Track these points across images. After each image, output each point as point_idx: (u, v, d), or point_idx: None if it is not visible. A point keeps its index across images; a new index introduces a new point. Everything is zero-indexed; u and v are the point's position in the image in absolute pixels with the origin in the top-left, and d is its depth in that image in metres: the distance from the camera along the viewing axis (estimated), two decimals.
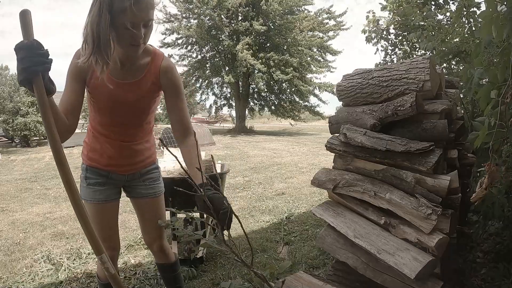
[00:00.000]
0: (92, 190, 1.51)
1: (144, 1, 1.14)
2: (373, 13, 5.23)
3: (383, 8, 5.21)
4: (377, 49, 5.34)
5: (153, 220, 1.66)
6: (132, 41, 1.20)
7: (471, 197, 1.55)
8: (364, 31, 5.19)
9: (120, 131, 1.47)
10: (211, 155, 1.56)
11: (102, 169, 1.51)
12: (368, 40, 5.22)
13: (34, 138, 20.59)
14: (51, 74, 1.08)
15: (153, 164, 1.64)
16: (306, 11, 21.93)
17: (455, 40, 3.30)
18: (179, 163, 1.09)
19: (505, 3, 1.45)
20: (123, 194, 1.66)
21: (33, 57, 0.97)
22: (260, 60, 19.31)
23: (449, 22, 4.08)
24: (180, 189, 0.97)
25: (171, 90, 1.41)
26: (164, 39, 21.09)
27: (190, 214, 1.21)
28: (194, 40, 20.63)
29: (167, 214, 3.39)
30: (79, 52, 1.25)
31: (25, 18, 0.97)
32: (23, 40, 0.97)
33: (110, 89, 1.32)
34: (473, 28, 2.85)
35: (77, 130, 1.40)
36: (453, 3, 4.43)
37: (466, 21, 2.96)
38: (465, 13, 2.85)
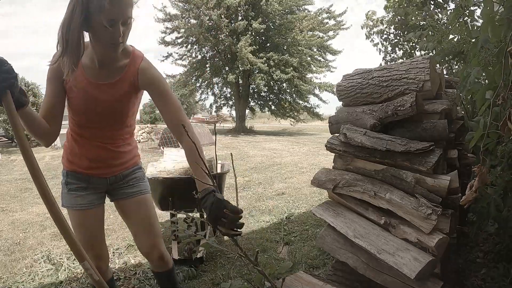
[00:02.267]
0: (73, 196, 1.45)
1: None
2: (373, 12, 5.32)
3: (386, 7, 5.26)
4: (379, 50, 5.41)
5: (142, 223, 1.53)
6: (111, 40, 1.18)
7: (461, 199, 1.54)
8: (365, 26, 5.32)
9: (98, 132, 1.42)
10: (213, 157, 1.56)
11: (83, 173, 1.46)
12: (368, 36, 5.36)
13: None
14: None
15: (136, 166, 1.58)
16: (306, 11, 21.93)
17: (452, 39, 3.30)
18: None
19: (502, 3, 1.45)
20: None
21: None
22: (260, 60, 19.31)
23: (445, 23, 4.08)
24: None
25: (153, 89, 1.35)
26: (164, 37, 21.09)
27: (190, 214, 1.21)
28: (194, 39, 20.61)
29: (167, 215, 3.39)
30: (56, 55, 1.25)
31: None
32: None
33: (86, 90, 1.31)
34: (470, 29, 2.84)
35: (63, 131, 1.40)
36: (452, 2, 4.44)
37: (463, 21, 2.96)
38: (462, 13, 2.84)
